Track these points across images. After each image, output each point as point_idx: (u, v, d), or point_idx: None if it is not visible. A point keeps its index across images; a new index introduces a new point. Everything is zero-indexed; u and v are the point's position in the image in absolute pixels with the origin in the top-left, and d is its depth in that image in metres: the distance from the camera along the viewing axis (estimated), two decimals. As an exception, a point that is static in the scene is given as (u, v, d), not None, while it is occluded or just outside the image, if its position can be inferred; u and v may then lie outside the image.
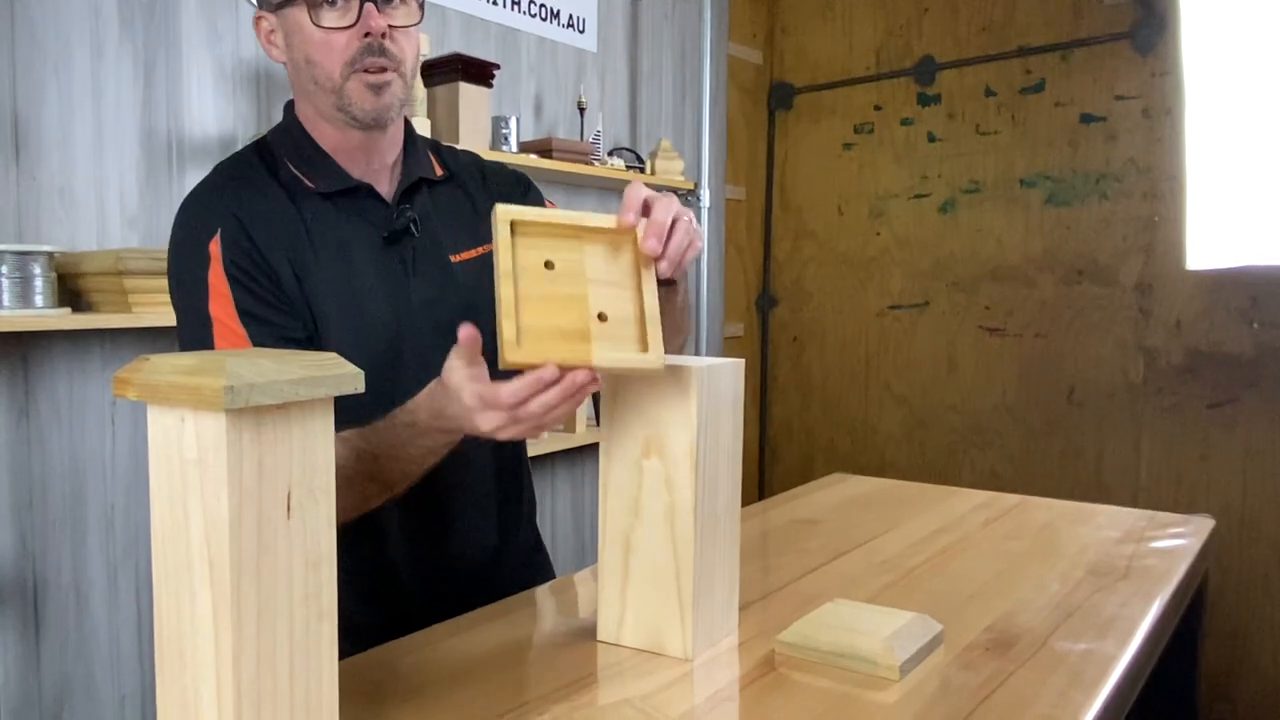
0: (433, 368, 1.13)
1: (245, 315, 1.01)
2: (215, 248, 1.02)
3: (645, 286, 0.89)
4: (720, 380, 0.96)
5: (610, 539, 0.98)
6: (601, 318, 0.87)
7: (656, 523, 0.95)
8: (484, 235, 1.21)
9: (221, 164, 1.12)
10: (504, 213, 0.86)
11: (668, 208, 0.91)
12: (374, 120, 1.07)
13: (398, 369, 1.11)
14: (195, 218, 1.05)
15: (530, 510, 1.33)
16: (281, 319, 1.03)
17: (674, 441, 0.93)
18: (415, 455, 0.97)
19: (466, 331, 0.86)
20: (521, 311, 0.85)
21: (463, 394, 0.87)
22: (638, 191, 0.91)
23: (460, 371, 0.88)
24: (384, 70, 1.05)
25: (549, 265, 0.88)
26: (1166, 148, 2.68)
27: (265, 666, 0.65)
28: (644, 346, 0.87)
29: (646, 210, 0.91)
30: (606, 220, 0.91)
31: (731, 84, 3.36)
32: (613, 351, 0.86)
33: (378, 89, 1.05)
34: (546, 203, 1.31)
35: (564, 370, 0.84)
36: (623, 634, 0.98)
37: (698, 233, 0.95)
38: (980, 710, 0.85)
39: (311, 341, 1.06)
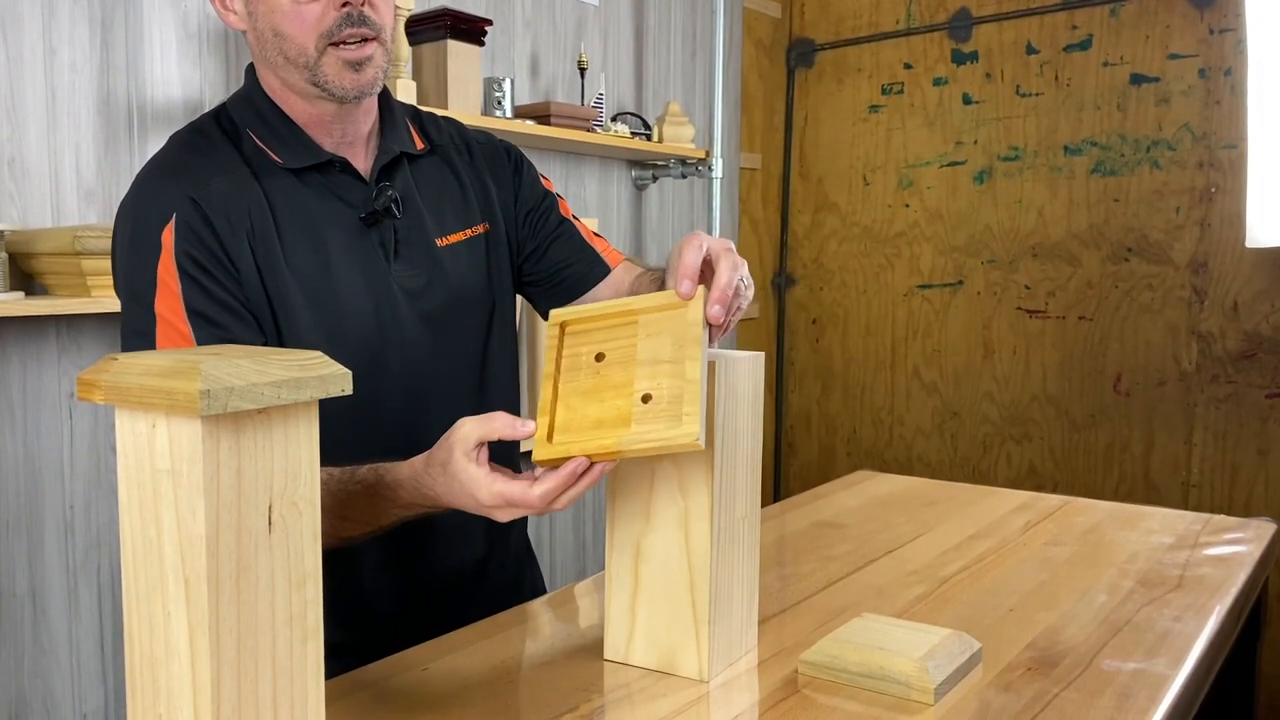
0: (417, 364, 1.13)
1: (194, 315, 1.00)
2: (168, 236, 1.01)
3: (690, 355, 0.88)
4: (738, 375, 0.96)
5: (618, 546, 0.98)
6: (646, 399, 0.88)
7: (669, 530, 0.95)
8: (472, 216, 1.21)
9: (176, 135, 1.11)
10: (555, 316, 0.94)
11: (733, 266, 0.93)
12: (355, 97, 1.06)
13: (379, 366, 1.10)
14: (146, 202, 1.04)
15: (520, 527, 1.33)
16: (234, 322, 1.02)
17: (688, 443, 0.93)
18: (387, 523, 0.99)
19: (503, 425, 0.87)
20: (560, 408, 0.89)
21: (479, 492, 0.88)
22: (695, 254, 0.92)
23: (475, 469, 0.88)
24: (365, 41, 1.04)
25: (600, 357, 0.91)
26: (1225, 112, 2.67)
27: (247, 692, 0.65)
28: (677, 424, 0.85)
29: (707, 266, 0.93)
30: (662, 296, 0.93)
31: (747, 40, 3.35)
32: (641, 433, 0.85)
33: (358, 65, 1.04)
34: (541, 177, 1.30)
35: (594, 460, 0.86)
36: (632, 652, 0.99)
37: (748, 283, 0.96)
38: (1022, 737, 0.85)
39: (278, 334, 1.05)
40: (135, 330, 1.01)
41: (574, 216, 1.30)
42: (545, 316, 1.32)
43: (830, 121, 3.38)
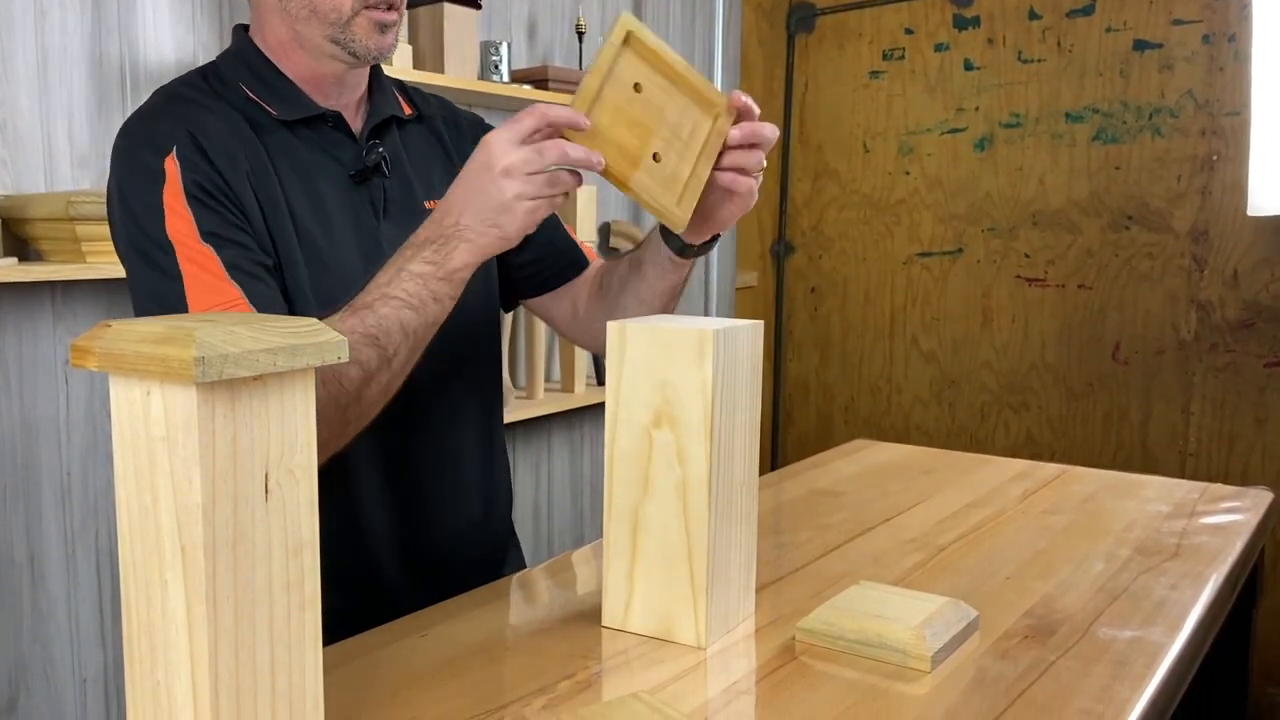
0: None
1: (210, 236, 0.97)
2: (171, 165, 0.99)
3: (705, 156, 1.02)
4: (737, 344, 0.95)
5: (616, 515, 0.98)
6: (655, 158, 0.99)
7: (667, 498, 0.95)
8: None
9: (161, 89, 1.11)
10: (625, 20, 0.98)
11: (772, 129, 1.06)
12: (375, 59, 1.08)
13: None
14: (143, 137, 1.02)
15: (506, 507, 1.33)
16: (251, 241, 1.01)
17: (687, 411, 0.93)
18: (406, 294, 0.96)
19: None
20: (597, 110, 0.96)
21: (491, 145, 0.92)
22: (749, 98, 1.05)
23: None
24: (391, 8, 1.06)
25: (638, 87, 0.99)
26: (1229, 79, 2.65)
27: (244, 660, 0.65)
28: (677, 200, 1.00)
29: (747, 115, 1.05)
30: (710, 87, 1.03)
31: (747, 4, 3.31)
32: (650, 185, 0.98)
33: (385, 28, 1.06)
34: None
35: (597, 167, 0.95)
36: (630, 619, 0.99)
37: (763, 165, 1.08)
38: (1018, 704, 0.85)
39: (279, 271, 1.04)
40: (149, 266, 0.97)
41: None
42: (509, 309, 1.33)
43: (830, 88, 3.35)
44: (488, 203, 0.93)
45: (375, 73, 1.18)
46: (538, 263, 1.28)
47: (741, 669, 0.93)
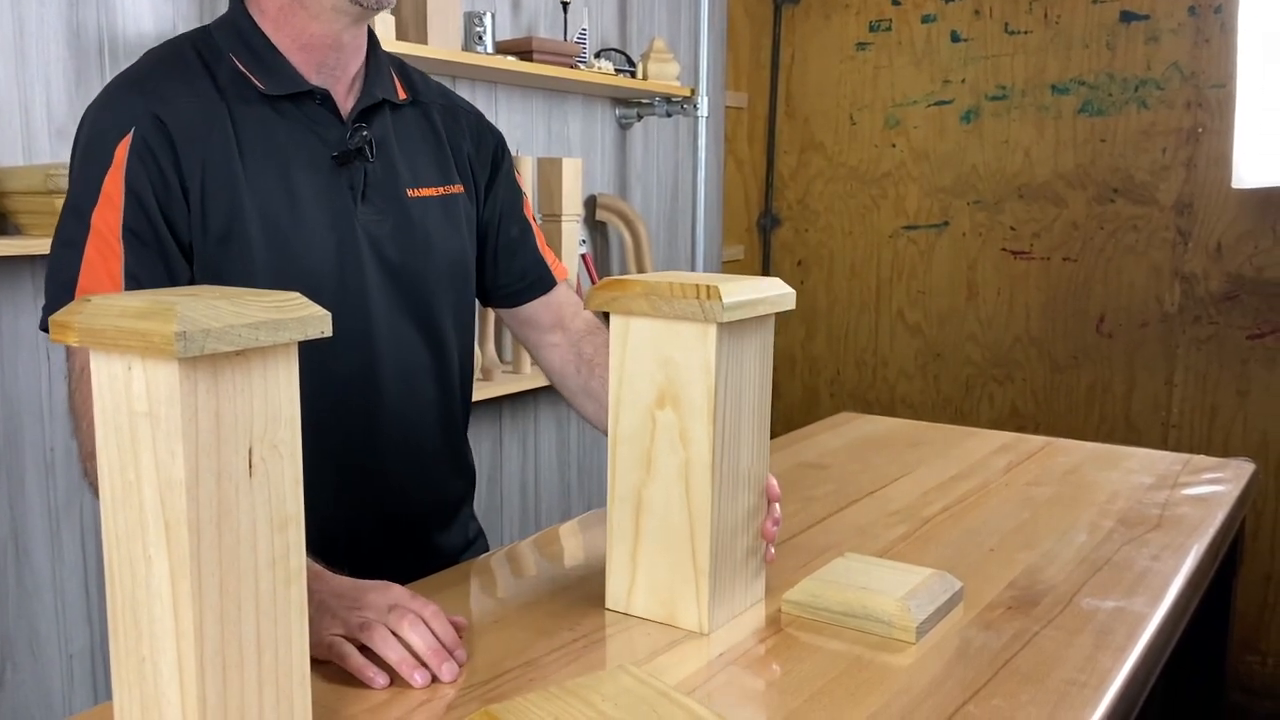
0: (376, 310, 1.11)
1: (129, 234, 0.99)
2: (121, 152, 0.99)
3: None
4: (745, 321, 0.94)
5: (619, 496, 0.96)
6: None
7: (670, 480, 0.93)
8: (449, 175, 1.20)
9: (151, 51, 1.10)
10: None
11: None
12: (377, 8, 1.06)
13: (335, 305, 1.08)
14: (107, 112, 1.03)
15: (467, 494, 1.31)
16: (171, 248, 1.01)
17: (690, 390, 0.91)
18: None
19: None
20: None
21: (392, 588, 0.90)
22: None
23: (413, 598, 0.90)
24: None
25: None
26: (1215, 50, 2.64)
27: (230, 635, 0.65)
28: None
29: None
30: None
31: (732, -25, 3.28)
32: None
33: None
34: (515, 171, 1.29)
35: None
36: (633, 603, 0.98)
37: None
38: (1002, 674, 0.86)
39: (216, 269, 1.03)
40: (66, 240, 1.00)
41: (534, 218, 1.30)
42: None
43: (817, 59, 3.33)
44: (327, 607, 0.87)
45: (373, 52, 1.16)
46: (498, 276, 1.27)
47: (729, 640, 0.93)
